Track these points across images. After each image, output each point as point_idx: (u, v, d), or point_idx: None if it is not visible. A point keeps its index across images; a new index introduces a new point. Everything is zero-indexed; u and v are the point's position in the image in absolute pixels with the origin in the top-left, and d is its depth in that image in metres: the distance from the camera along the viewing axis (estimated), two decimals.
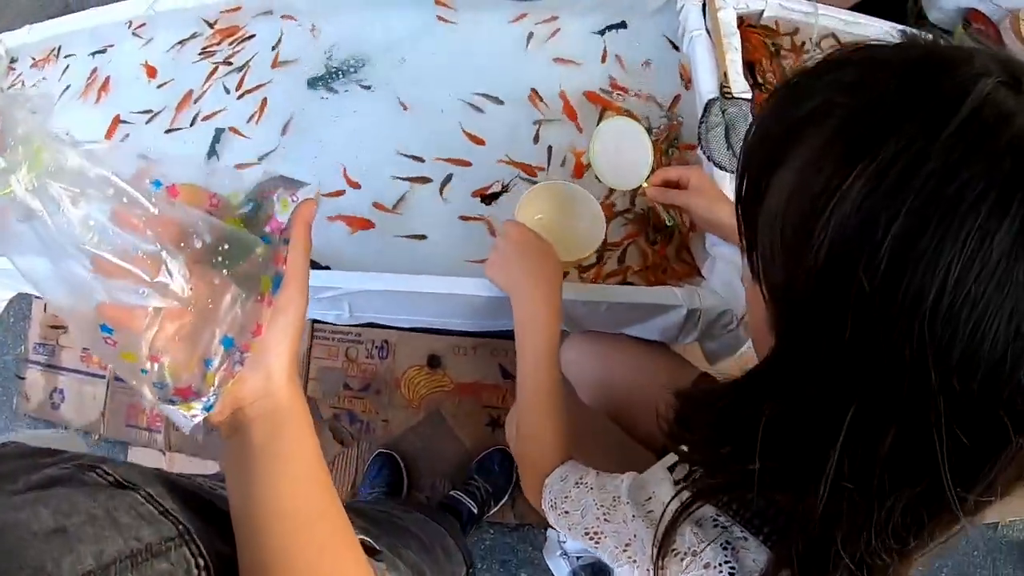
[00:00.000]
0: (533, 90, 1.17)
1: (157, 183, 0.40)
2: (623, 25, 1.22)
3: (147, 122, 1.28)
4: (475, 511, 1.45)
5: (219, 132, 1.23)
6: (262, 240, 0.44)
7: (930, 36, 0.41)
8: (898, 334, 0.36)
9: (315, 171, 1.17)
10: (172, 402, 0.40)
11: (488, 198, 1.11)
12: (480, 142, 1.14)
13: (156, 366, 0.40)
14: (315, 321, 1.68)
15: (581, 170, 1.10)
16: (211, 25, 1.32)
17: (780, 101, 0.45)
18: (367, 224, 1.11)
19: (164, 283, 0.38)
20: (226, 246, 0.41)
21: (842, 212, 0.37)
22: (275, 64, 1.27)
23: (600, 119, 1.13)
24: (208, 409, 0.42)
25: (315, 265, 1.06)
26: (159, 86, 1.30)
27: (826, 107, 0.40)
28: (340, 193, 1.14)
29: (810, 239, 0.38)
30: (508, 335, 0.86)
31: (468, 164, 1.13)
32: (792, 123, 0.42)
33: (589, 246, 0.94)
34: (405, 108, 1.19)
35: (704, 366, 1.09)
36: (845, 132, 0.39)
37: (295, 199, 0.47)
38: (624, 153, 0.98)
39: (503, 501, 1.52)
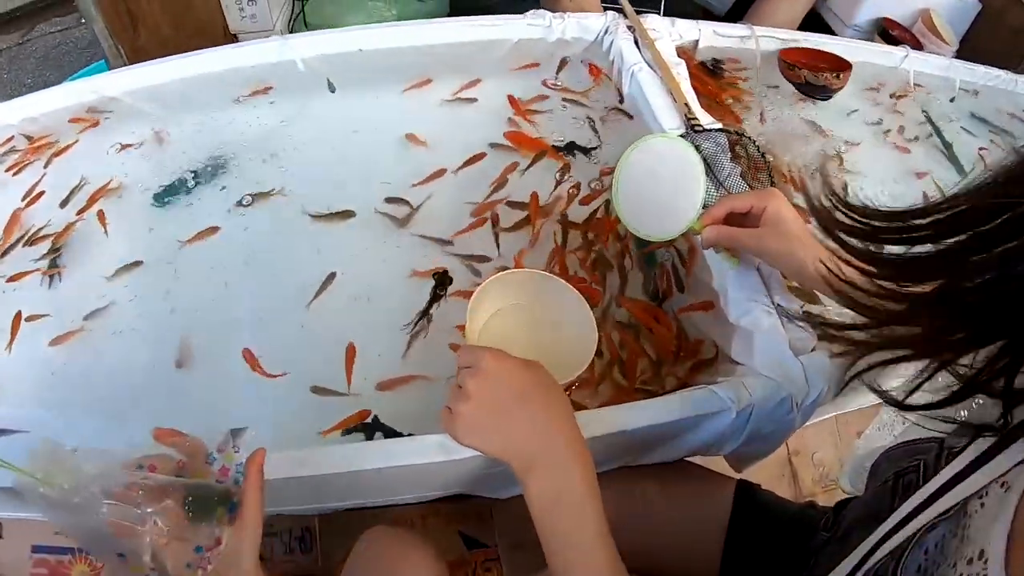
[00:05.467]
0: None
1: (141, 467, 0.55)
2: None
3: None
4: None
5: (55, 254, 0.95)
6: (217, 484, 0.58)
7: None
8: None
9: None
10: None
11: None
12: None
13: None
14: None
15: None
16: (29, 139, 1.03)
17: None
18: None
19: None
20: (190, 497, 0.55)
21: None
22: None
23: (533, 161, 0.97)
24: None
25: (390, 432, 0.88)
26: None
27: None
28: None
29: None
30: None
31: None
32: None
33: (580, 359, 0.67)
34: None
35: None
36: None
37: (236, 448, 0.59)
38: (661, 188, 0.74)
39: None
